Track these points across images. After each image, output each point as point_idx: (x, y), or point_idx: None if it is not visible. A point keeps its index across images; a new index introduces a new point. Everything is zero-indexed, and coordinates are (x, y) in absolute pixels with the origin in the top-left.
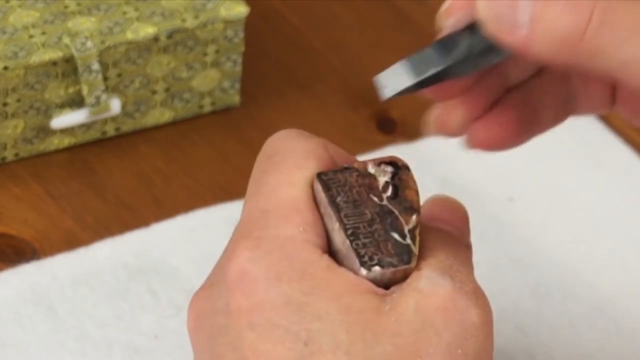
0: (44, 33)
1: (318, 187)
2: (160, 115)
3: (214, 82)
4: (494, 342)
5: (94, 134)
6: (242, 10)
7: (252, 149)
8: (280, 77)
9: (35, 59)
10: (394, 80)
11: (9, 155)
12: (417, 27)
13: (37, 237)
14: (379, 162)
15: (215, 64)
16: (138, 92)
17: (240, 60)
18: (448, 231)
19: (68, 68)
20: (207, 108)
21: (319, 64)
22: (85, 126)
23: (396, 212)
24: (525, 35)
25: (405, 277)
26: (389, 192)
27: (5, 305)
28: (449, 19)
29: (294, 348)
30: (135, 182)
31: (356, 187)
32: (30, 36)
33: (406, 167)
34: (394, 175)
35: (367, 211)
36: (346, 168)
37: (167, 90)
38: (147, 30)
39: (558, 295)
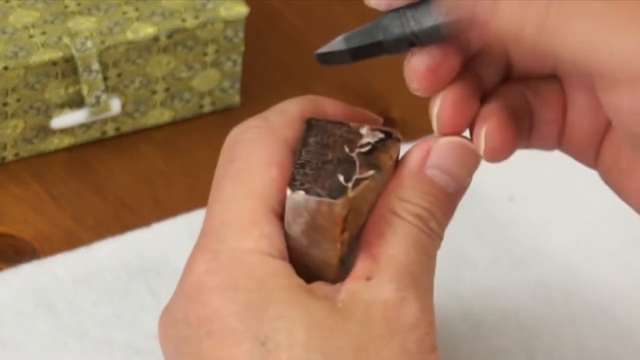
0: (44, 33)
1: (303, 128)
2: (160, 115)
3: (214, 82)
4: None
5: (94, 134)
6: (242, 10)
7: None
8: (280, 77)
9: (35, 59)
10: (329, 46)
11: (9, 155)
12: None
13: (37, 237)
14: (375, 129)
15: (215, 64)
16: (138, 92)
17: (240, 60)
18: (428, 230)
19: (68, 68)
20: (207, 108)
21: (318, 64)
22: (85, 126)
23: (357, 162)
24: (486, 12)
25: (331, 214)
26: (365, 149)
27: (5, 305)
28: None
29: (251, 349)
30: (136, 182)
31: (336, 137)
32: (30, 36)
33: (397, 139)
34: (380, 140)
35: (330, 154)
36: (341, 123)
37: (167, 90)
38: (147, 30)
39: (558, 295)
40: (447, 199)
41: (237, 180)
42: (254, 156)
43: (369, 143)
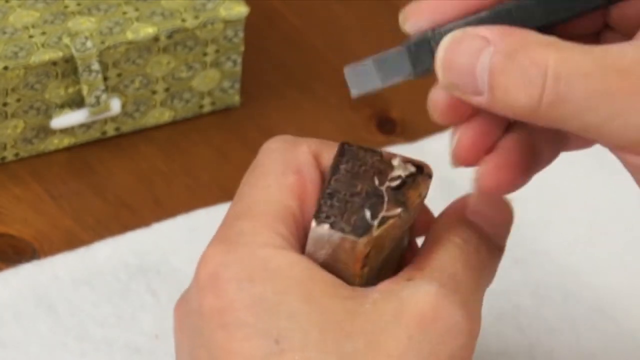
0: (44, 33)
1: (336, 152)
2: (160, 115)
3: (214, 82)
4: (497, 342)
5: (94, 134)
6: (242, 10)
7: (252, 149)
8: (280, 77)
9: (35, 59)
10: (362, 79)
11: (9, 155)
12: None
13: (37, 237)
14: (408, 161)
15: (215, 64)
16: (138, 92)
17: (240, 60)
18: (462, 240)
19: (68, 68)
20: (207, 108)
21: (319, 64)
22: (85, 126)
23: (386, 198)
24: (486, 100)
25: (353, 251)
26: (395, 183)
27: (5, 305)
28: (409, 23)
29: (264, 345)
30: (135, 182)
31: (367, 167)
32: (30, 36)
33: (428, 175)
34: (411, 175)
35: (359, 185)
36: (374, 151)
37: (167, 90)
38: (147, 30)
39: (558, 296)
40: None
41: (255, 185)
42: (274, 163)
43: (399, 177)
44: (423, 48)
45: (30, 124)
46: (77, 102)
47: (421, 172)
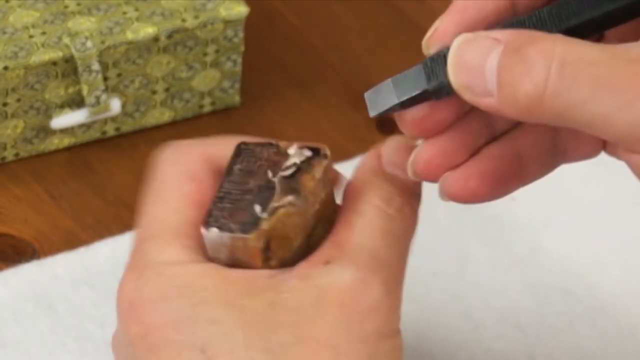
0: (44, 33)
1: (232, 154)
2: (160, 115)
3: (214, 82)
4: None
5: (94, 134)
6: (242, 10)
7: None
8: (280, 77)
9: (35, 59)
10: (380, 98)
11: (9, 155)
12: (417, 27)
13: (37, 237)
14: (304, 146)
15: (215, 64)
16: (138, 92)
17: (240, 60)
18: (382, 201)
19: (68, 68)
20: (207, 108)
21: (319, 64)
22: (85, 126)
23: (277, 189)
24: (496, 101)
25: (247, 248)
26: (288, 172)
27: (5, 305)
28: (433, 47)
29: (192, 357)
30: (135, 182)
31: (262, 161)
32: (30, 36)
33: (324, 156)
34: (307, 159)
35: (252, 182)
36: (270, 144)
37: (167, 90)
38: (147, 30)
39: (558, 296)
40: (406, 186)
41: (155, 199)
42: (170, 174)
43: (294, 164)
44: (438, 62)
45: (30, 124)
46: (77, 102)
47: (318, 154)
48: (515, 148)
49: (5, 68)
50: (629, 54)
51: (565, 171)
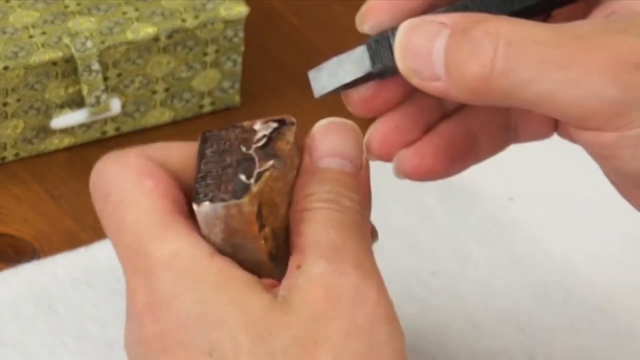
0: (44, 33)
1: (199, 142)
2: (160, 115)
3: (214, 82)
4: (497, 342)
5: (94, 134)
6: (242, 10)
7: None
8: (280, 77)
9: (35, 59)
10: (325, 78)
11: (9, 155)
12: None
13: (37, 237)
14: (268, 120)
15: (215, 64)
16: (138, 92)
17: (240, 60)
18: (325, 192)
19: (68, 68)
20: (207, 108)
21: (319, 64)
22: (85, 126)
23: (256, 158)
24: (443, 84)
25: (242, 214)
26: (261, 142)
27: (5, 305)
28: (367, 23)
29: None
30: None
31: (231, 141)
32: (30, 36)
33: (292, 123)
34: (274, 130)
35: (228, 159)
36: (235, 126)
37: (167, 90)
38: (147, 30)
39: (558, 296)
40: (348, 177)
41: (125, 210)
42: (123, 180)
43: (264, 136)
44: (382, 44)
45: (30, 124)
46: (77, 102)
47: (284, 124)
48: (467, 125)
49: (5, 68)
50: (577, 31)
51: (565, 171)
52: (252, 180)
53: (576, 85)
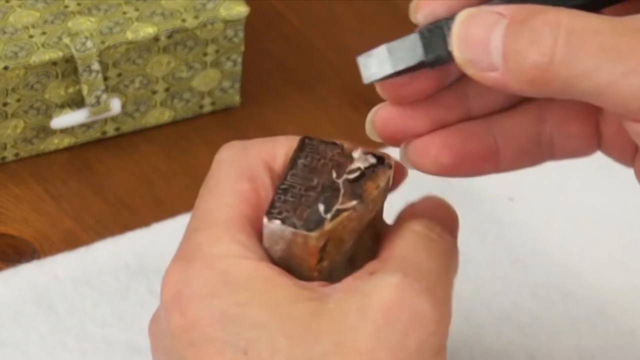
0: (44, 33)
1: (295, 146)
2: (160, 115)
3: (214, 82)
4: (497, 343)
5: (94, 134)
6: (242, 10)
7: None
8: (280, 77)
9: (35, 59)
10: (375, 65)
11: (9, 155)
12: (417, 27)
13: (37, 237)
14: (368, 152)
15: (215, 64)
16: (138, 92)
17: (240, 60)
18: (423, 228)
19: (68, 68)
20: (207, 108)
21: (319, 64)
22: (85, 126)
23: (342, 191)
24: (500, 74)
25: (307, 245)
26: (353, 175)
27: (5, 305)
28: (421, 12)
29: (233, 358)
30: (135, 182)
31: (326, 160)
32: (30, 36)
33: (389, 166)
34: (371, 166)
35: (316, 179)
36: (334, 143)
37: (167, 90)
38: (147, 30)
39: (558, 296)
40: (443, 219)
41: (209, 196)
42: (226, 173)
43: (358, 169)
44: (436, 33)
45: (30, 124)
46: (77, 102)
47: (382, 163)
48: (490, 128)
49: (5, 68)
50: (633, 24)
51: (565, 172)
52: (328, 216)
53: (635, 76)
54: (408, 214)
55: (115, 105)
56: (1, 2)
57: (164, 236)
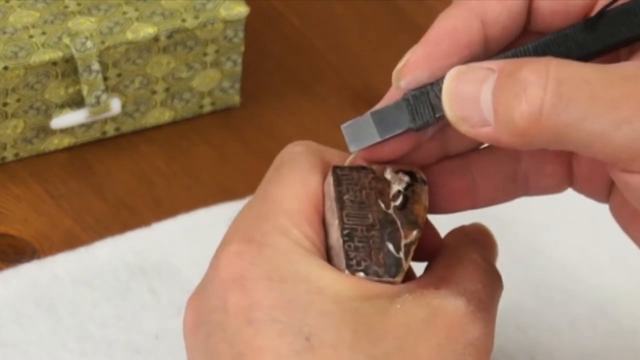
0: (44, 33)
1: (330, 180)
2: (160, 115)
3: (214, 82)
4: (498, 343)
5: (94, 134)
6: (242, 10)
7: (252, 149)
8: (280, 77)
9: (35, 59)
10: (361, 134)
11: (9, 155)
12: (417, 27)
13: (37, 237)
14: (398, 170)
15: (215, 64)
16: (138, 92)
17: (240, 60)
18: (480, 258)
19: (68, 68)
20: (207, 108)
21: (319, 64)
22: (85, 126)
23: (399, 223)
24: (493, 129)
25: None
26: (398, 201)
27: (6, 305)
28: (404, 79)
29: (294, 342)
30: (135, 182)
31: (367, 189)
32: (30, 36)
33: (423, 181)
34: (408, 186)
35: (370, 215)
36: (363, 168)
37: (167, 90)
38: (147, 30)
39: (559, 296)
40: (490, 248)
41: (281, 183)
42: (299, 164)
43: (399, 192)
44: (422, 100)
45: (30, 124)
46: (77, 102)
47: (416, 180)
48: (469, 166)
49: (5, 68)
50: (623, 72)
51: None
52: (401, 255)
53: (627, 126)
54: (462, 237)
55: (115, 105)
56: (1, 2)
57: (164, 236)
